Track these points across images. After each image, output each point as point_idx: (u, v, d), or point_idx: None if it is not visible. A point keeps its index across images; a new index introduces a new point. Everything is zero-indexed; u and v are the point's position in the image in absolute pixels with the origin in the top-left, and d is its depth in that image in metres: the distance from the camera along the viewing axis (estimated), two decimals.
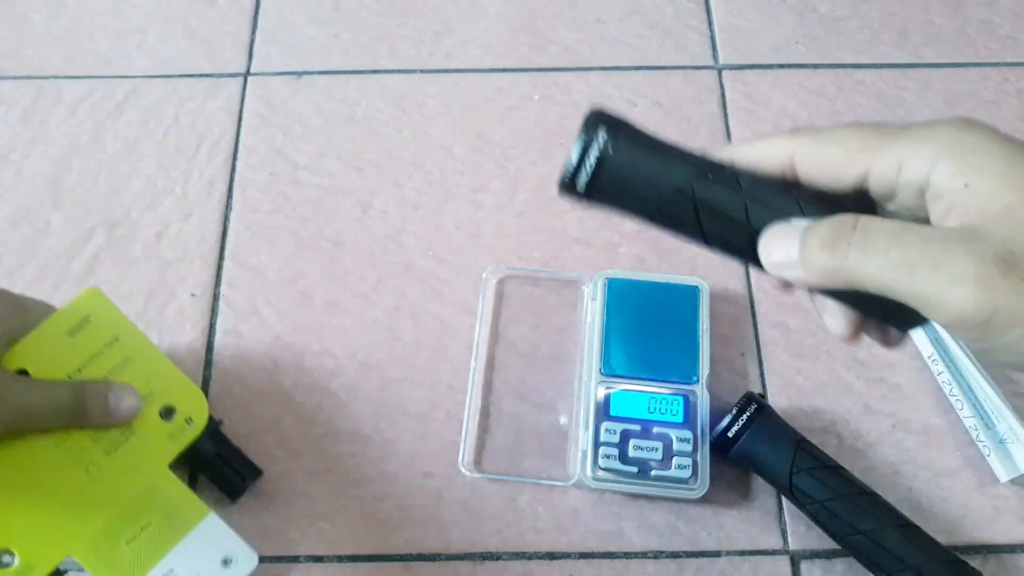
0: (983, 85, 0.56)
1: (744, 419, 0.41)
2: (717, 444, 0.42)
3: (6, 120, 0.55)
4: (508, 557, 0.42)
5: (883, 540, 0.38)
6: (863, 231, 0.23)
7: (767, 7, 0.59)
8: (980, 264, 0.21)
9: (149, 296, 0.49)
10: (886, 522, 0.39)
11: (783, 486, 0.41)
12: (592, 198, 0.28)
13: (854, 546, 0.39)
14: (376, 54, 0.58)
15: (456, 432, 0.45)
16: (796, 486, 0.40)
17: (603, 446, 0.42)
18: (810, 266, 0.24)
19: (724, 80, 0.56)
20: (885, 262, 0.22)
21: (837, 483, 0.40)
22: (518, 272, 0.49)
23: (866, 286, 0.23)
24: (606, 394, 0.43)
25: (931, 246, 0.22)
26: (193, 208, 0.52)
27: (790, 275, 0.25)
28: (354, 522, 0.43)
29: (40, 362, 0.37)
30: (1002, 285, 0.21)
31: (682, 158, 0.28)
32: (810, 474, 0.40)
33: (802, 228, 0.25)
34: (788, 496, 0.41)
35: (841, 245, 0.23)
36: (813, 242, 0.24)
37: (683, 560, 0.42)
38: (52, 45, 0.58)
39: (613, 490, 0.43)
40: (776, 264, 0.25)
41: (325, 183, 0.53)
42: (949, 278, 0.21)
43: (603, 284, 0.46)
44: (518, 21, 0.59)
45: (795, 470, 0.40)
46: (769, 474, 0.41)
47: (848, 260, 0.23)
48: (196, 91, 0.56)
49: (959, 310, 0.21)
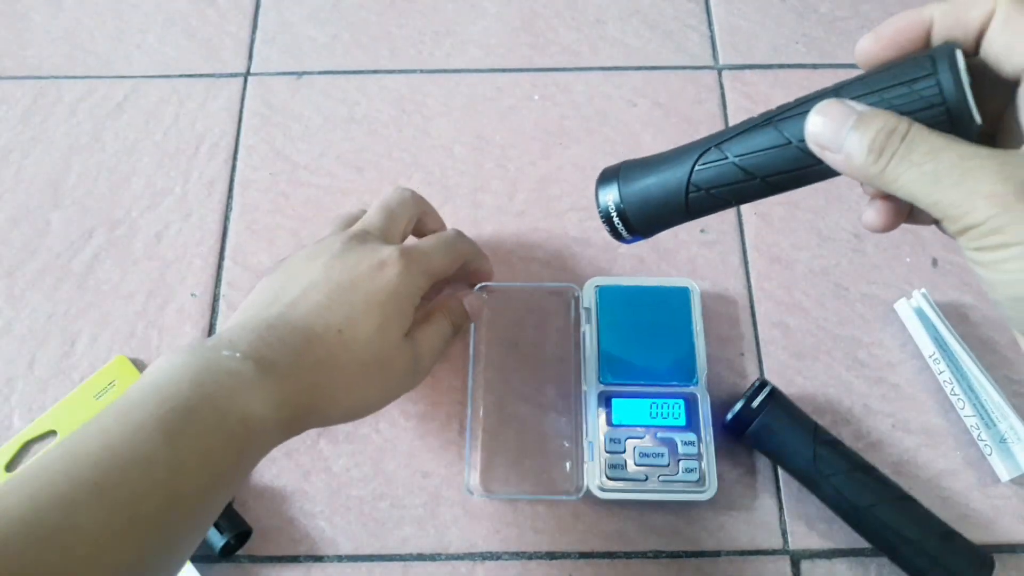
0: None
1: (759, 400, 0.42)
2: (732, 426, 0.42)
3: (6, 120, 0.55)
4: (508, 557, 0.42)
5: (910, 509, 0.40)
6: (908, 142, 0.24)
7: (767, 7, 0.59)
8: (1003, 184, 0.22)
9: (149, 296, 0.49)
10: (910, 497, 0.40)
11: (802, 463, 0.41)
12: (639, 236, 0.33)
13: (875, 517, 0.39)
14: (376, 54, 0.58)
15: (456, 433, 0.45)
16: (819, 455, 0.40)
17: (608, 455, 0.42)
18: (852, 165, 0.25)
19: (724, 80, 0.56)
20: (918, 174, 0.23)
21: (857, 459, 0.41)
22: (506, 287, 0.48)
23: (897, 193, 0.24)
24: (607, 402, 0.43)
25: (964, 163, 0.23)
26: (193, 208, 0.52)
27: (829, 159, 0.26)
28: (353, 522, 0.43)
29: (68, 422, 0.45)
30: (1016, 208, 0.22)
31: (675, 158, 0.30)
32: (831, 447, 0.41)
33: (857, 113, 0.25)
34: (805, 476, 0.41)
35: (886, 153, 0.24)
36: (862, 143, 0.24)
37: (683, 560, 0.42)
38: (52, 45, 0.58)
39: (622, 500, 0.42)
40: (819, 142, 0.26)
41: (325, 183, 0.53)
42: (968, 192, 0.22)
43: (594, 292, 0.46)
44: (518, 21, 0.59)
45: (818, 441, 0.41)
46: (788, 451, 0.41)
47: (887, 169, 0.24)
48: (196, 91, 0.56)
49: (968, 221, 0.22)
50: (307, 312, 0.35)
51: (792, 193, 0.29)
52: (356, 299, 0.35)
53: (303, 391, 0.33)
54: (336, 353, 0.34)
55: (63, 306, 0.49)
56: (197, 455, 0.29)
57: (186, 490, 0.28)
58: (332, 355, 0.34)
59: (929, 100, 0.24)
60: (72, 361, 0.47)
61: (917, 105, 0.24)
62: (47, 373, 0.47)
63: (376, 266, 0.36)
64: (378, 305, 0.35)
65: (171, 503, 0.28)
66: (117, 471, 0.27)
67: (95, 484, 0.26)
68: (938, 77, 0.24)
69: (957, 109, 0.24)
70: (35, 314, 0.48)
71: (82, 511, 0.25)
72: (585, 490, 0.42)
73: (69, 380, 0.47)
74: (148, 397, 0.29)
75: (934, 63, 0.24)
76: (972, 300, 0.48)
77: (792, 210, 0.51)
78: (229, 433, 0.30)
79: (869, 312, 0.48)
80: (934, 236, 0.50)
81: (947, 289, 0.48)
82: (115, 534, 0.26)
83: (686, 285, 0.46)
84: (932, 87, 0.24)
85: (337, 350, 0.34)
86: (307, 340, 0.34)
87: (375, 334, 0.35)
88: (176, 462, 0.28)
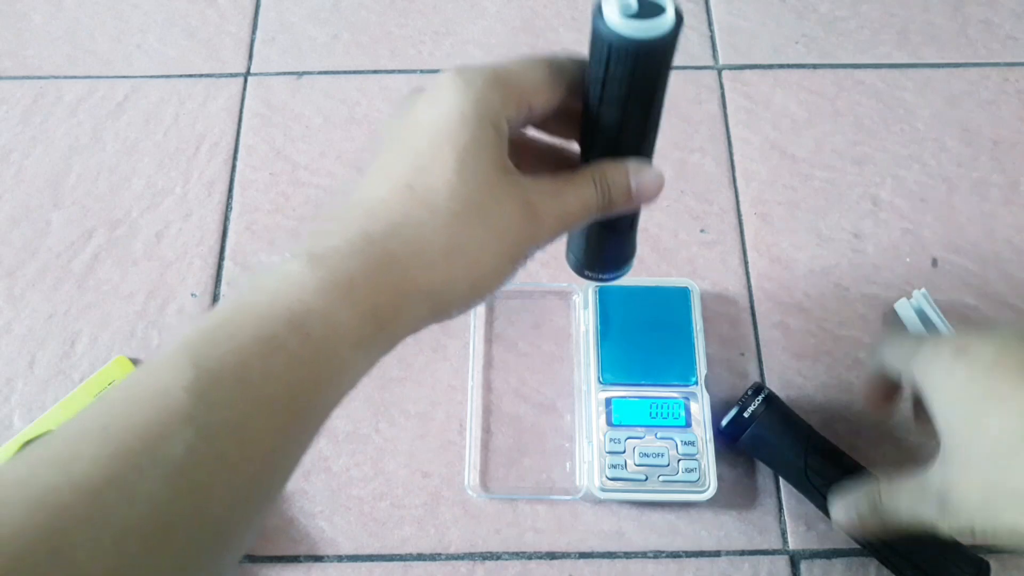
0: (983, 85, 0.56)
1: (752, 409, 0.42)
2: (727, 432, 0.42)
3: (6, 120, 0.55)
4: (508, 557, 0.42)
5: None
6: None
7: (767, 7, 0.59)
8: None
9: (149, 296, 0.49)
10: None
11: (794, 472, 0.41)
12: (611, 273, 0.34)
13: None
14: (376, 54, 0.58)
15: (456, 432, 0.45)
16: (811, 465, 0.40)
17: (608, 455, 0.42)
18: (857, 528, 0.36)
19: (724, 80, 0.56)
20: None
21: (850, 464, 0.41)
22: (506, 287, 0.48)
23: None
24: (607, 403, 0.43)
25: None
26: (193, 208, 0.52)
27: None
28: (353, 522, 0.43)
29: None
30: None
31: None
32: (824, 456, 0.41)
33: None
34: (797, 484, 0.41)
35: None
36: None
37: (683, 560, 0.42)
38: (52, 45, 0.58)
39: (621, 500, 0.42)
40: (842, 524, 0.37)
41: (325, 183, 0.53)
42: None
43: (594, 292, 0.46)
44: (518, 21, 0.59)
45: (811, 450, 0.41)
46: (781, 459, 0.41)
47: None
48: (196, 91, 0.56)
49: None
50: (368, 182, 0.27)
51: (793, 193, 0.29)
52: (418, 143, 0.27)
53: (378, 269, 0.25)
54: (411, 211, 0.26)
55: (63, 306, 0.49)
56: (231, 375, 0.22)
57: (218, 421, 0.21)
58: (407, 215, 0.26)
59: None
60: (72, 361, 0.47)
61: None
62: (47, 373, 0.47)
63: (432, 96, 0.28)
64: (445, 140, 0.26)
65: (200, 439, 0.21)
66: (129, 409, 0.21)
67: (102, 429, 0.21)
68: None
69: None
70: (35, 314, 0.49)
71: (83, 463, 0.20)
72: (585, 490, 0.42)
73: (69, 380, 0.47)
74: (179, 329, 0.25)
75: None
76: (972, 300, 0.48)
77: (792, 210, 0.51)
78: (273, 342, 0.22)
79: (869, 312, 0.48)
80: (934, 236, 0.50)
81: (947, 289, 0.48)
82: (120, 484, 0.20)
83: (686, 285, 0.46)
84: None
85: (411, 207, 0.26)
86: (368, 212, 0.26)
87: (454, 176, 0.26)
88: (202, 385, 0.21)
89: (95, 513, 0.20)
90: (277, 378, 0.22)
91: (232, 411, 0.22)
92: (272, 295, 0.23)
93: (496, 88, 0.27)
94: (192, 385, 0.21)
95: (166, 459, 0.20)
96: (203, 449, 0.21)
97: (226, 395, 0.22)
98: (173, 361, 0.22)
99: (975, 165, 0.53)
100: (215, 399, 0.21)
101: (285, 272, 0.24)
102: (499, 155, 0.27)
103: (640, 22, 0.24)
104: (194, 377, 0.21)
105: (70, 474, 0.20)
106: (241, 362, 0.22)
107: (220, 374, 0.22)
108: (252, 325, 0.22)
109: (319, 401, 0.24)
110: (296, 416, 0.23)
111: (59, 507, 0.19)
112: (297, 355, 0.23)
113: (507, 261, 0.27)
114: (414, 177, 0.26)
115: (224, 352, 0.22)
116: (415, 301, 0.25)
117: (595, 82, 0.26)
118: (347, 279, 0.24)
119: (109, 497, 0.20)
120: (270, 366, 0.22)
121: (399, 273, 0.25)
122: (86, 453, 0.20)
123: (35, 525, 0.19)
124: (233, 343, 0.22)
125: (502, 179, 0.27)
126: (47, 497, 0.19)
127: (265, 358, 0.22)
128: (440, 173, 0.26)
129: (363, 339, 0.24)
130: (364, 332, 0.24)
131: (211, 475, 0.21)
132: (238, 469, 0.22)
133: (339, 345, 0.23)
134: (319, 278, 0.23)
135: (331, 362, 0.23)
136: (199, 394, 0.21)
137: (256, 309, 0.23)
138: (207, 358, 0.22)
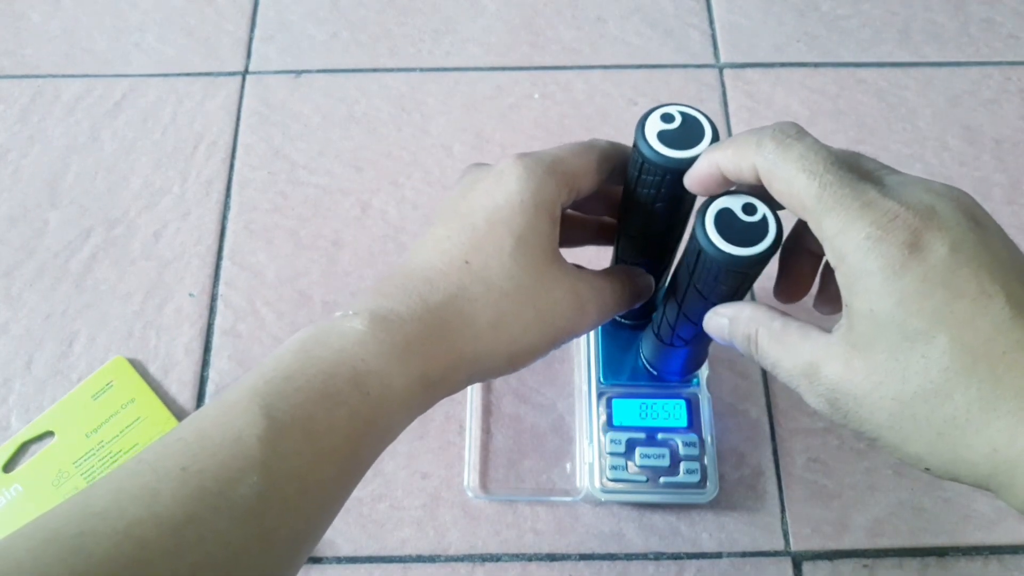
0: (985, 84, 0.56)
1: None
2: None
3: (4, 119, 0.55)
4: (507, 558, 0.42)
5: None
6: (760, 342, 0.29)
7: (768, 5, 0.59)
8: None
9: (147, 296, 0.49)
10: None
11: None
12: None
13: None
14: (375, 52, 0.58)
15: (456, 433, 0.45)
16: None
17: (609, 457, 0.41)
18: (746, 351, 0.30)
19: (725, 79, 0.56)
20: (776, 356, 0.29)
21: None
22: None
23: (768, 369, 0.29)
24: (607, 404, 0.43)
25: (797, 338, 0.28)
26: (191, 207, 0.52)
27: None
28: (352, 523, 0.43)
29: (66, 423, 0.44)
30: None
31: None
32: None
33: (728, 323, 0.30)
34: None
35: (753, 346, 0.29)
36: (740, 345, 0.30)
37: (684, 562, 0.42)
38: (50, 44, 0.58)
39: (622, 501, 0.42)
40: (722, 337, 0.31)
41: (324, 182, 0.52)
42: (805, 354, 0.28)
43: None
44: (518, 19, 0.59)
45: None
46: None
47: (758, 356, 0.29)
48: (194, 90, 0.56)
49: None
50: (428, 252, 0.29)
51: None
52: (477, 222, 0.29)
53: (432, 336, 0.27)
54: (466, 285, 0.28)
55: (61, 306, 0.49)
56: (299, 426, 0.24)
57: (287, 469, 0.24)
58: (463, 288, 0.28)
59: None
60: (70, 361, 0.47)
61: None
62: (45, 374, 0.47)
63: (494, 179, 0.30)
64: (503, 223, 0.29)
65: (270, 485, 0.23)
66: (205, 452, 0.23)
67: (181, 470, 0.23)
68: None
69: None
70: (33, 314, 0.48)
71: (164, 499, 0.22)
72: (585, 492, 0.42)
73: (67, 381, 0.46)
74: (249, 375, 0.26)
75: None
76: None
77: None
78: (337, 398, 0.25)
79: None
80: None
81: None
82: (198, 523, 0.22)
83: None
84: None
85: (467, 281, 0.28)
86: (427, 280, 0.28)
87: (508, 259, 0.29)
88: (273, 435, 0.24)
89: (175, 548, 0.22)
90: (338, 431, 0.25)
91: (299, 460, 0.24)
92: (338, 353, 0.26)
93: (553, 177, 0.30)
94: (264, 434, 0.24)
95: (238, 502, 0.23)
96: (271, 495, 0.23)
97: (294, 445, 0.24)
98: (246, 408, 0.24)
99: (977, 164, 0.53)
100: (284, 449, 0.24)
101: (349, 330, 0.26)
102: (551, 243, 0.30)
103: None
104: (266, 427, 0.24)
105: (153, 509, 0.22)
106: (308, 415, 0.24)
107: (290, 426, 0.24)
108: (320, 381, 0.25)
109: (369, 454, 0.27)
110: (350, 466, 0.26)
111: (144, 540, 0.22)
112: (357, 411, 0.25)
113: (547, 342, 0.30)
114: (471, 254, 0.29)
115: (293, 405, 0.24)
116: (458, 368, 0.28)
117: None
118: (404, 343, 0.27)
119: (188, 534, 0.22)
120: (333, 420, 0.25)
121: (449, 342, 0.28)
122: (166, 491, 0.22)
123: (123, 555, 0.21)
124: (301, 396, 0.25)
125: (552, 267, 0.30)
126: (132, 530, 0.22)
127: (330, 411, 0.25)
128: (496, 254, 0.29)
129: (410, 400, 0.27)
130: (412, 393, 0.27)
131: (276, 519, 0.24)
132: (299, 513, 0.24)
133: (391, 404, 0.26)
134: (379, 340, 0.26)
135: (383, 419, 0.26)
136: (270, 443, 0.24)
137: (322, 366, 0.25)
138: (278, 409, 0.24)
